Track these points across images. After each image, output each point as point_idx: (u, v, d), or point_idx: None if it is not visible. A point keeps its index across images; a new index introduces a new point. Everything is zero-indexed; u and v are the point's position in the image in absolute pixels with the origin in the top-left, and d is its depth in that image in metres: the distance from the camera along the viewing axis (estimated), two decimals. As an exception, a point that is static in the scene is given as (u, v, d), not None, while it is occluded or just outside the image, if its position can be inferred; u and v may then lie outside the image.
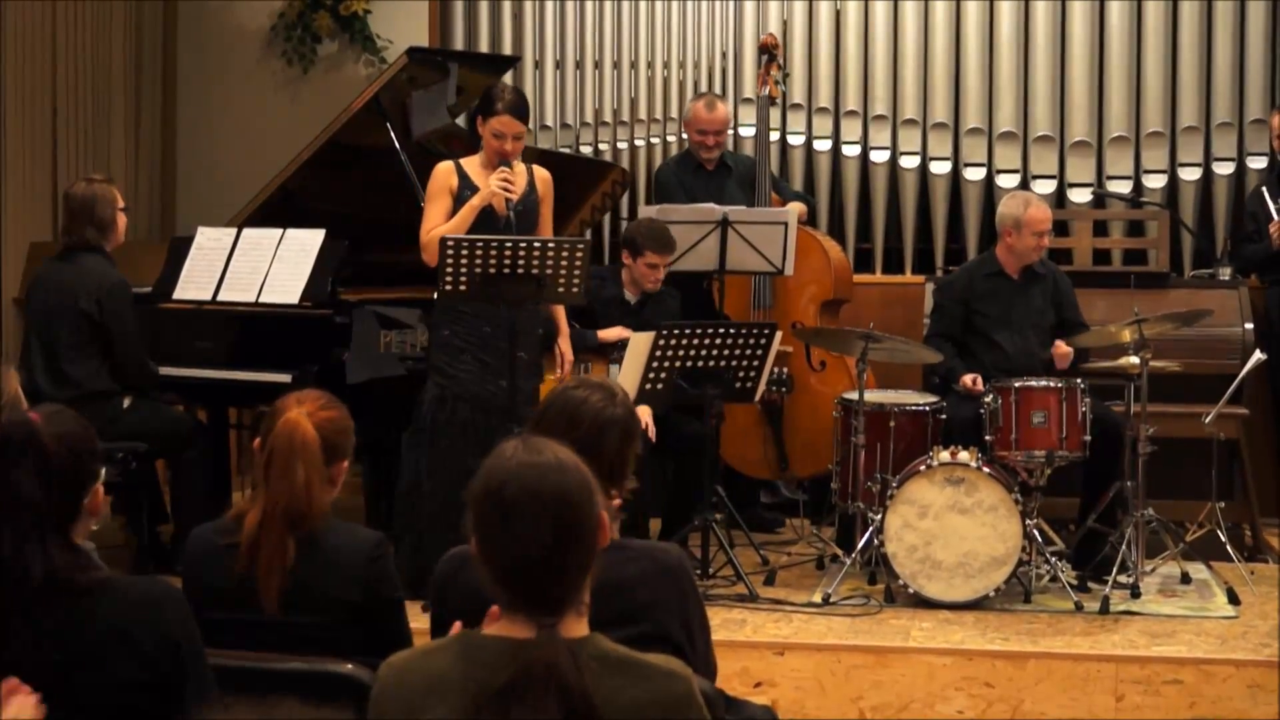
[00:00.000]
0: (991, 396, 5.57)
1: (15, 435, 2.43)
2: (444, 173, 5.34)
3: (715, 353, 5.45)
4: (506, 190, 5.18)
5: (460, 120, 6.76)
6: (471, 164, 5.36)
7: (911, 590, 5.34)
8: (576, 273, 5.06)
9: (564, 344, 5.58)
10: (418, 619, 3.00)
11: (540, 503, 2.03)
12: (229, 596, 2.91)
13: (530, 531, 2.02)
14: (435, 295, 5.18)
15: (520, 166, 5.43)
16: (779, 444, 6.49)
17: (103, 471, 2.56)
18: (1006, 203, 6.02)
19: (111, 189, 5.74)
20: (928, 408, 5.76)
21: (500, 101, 5.26)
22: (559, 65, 7.73)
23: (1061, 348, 5.80)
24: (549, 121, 7.69)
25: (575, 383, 2.88)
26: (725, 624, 5.05)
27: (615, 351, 5.94)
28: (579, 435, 2.73)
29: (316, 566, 2.92)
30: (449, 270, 4.97)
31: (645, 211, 6.42)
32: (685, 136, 6.91)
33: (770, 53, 6.75)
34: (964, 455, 5.34)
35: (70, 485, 2.46)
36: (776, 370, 6.34)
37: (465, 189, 5.30)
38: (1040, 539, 5.56)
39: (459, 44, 7.78)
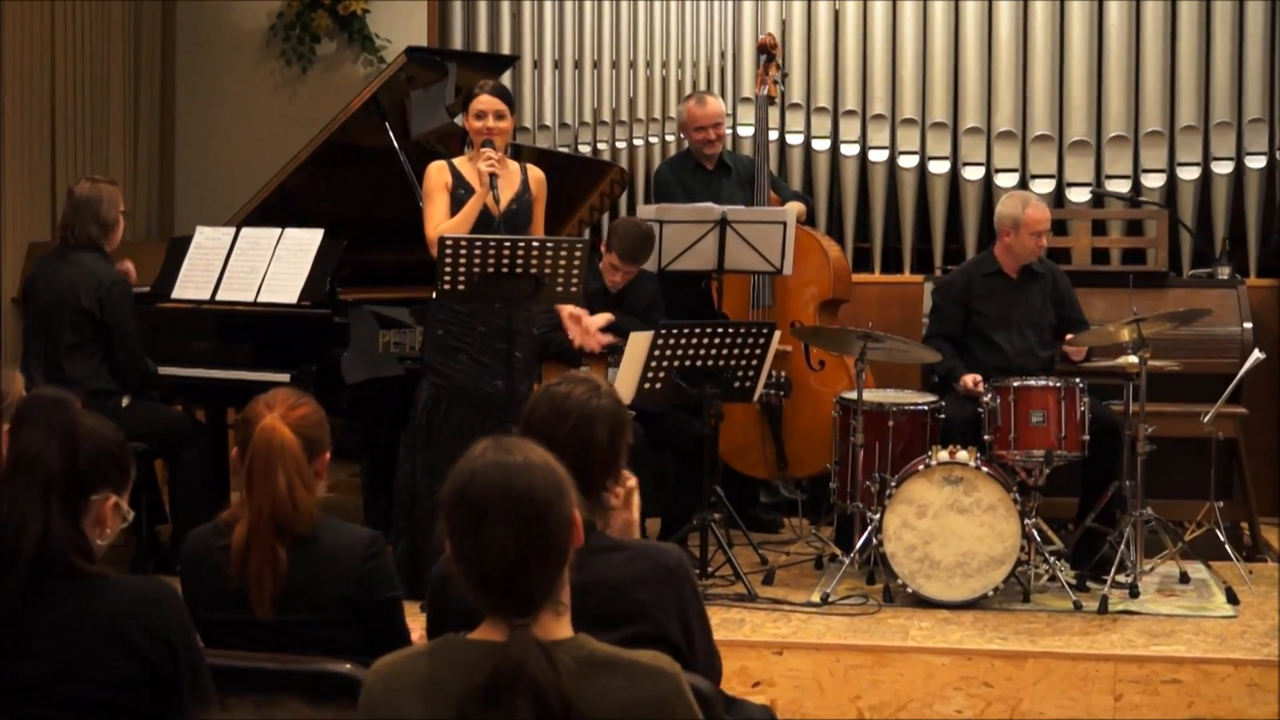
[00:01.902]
0: (990, 396, 5.57)
1: (50, 402, 2.51)
2: (438, 170, 5.36)
3: (714, 352, 5.45)
4: (491, 165, 5.19)
5: (459, 120, 6.76)
6: (462, 163, 5.38)
7: (910, 590, 5.34)
8: (575, 272, 5.07)
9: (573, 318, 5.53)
10: (416, 619, 3.00)
11: (505, 503, 2.01)
12: (226, 599, 2.90)
13: (495, 532, 2.01)
14: (434, 294, 5.18)
15: (514, 165, 5.44)
16: (778, 443, 6.49)
17: (126, 485, 2.58)
18: (1005, 203, 6.02)
19: (116, 190, 5.75)
20: (926, 407, 5.76)
21: (478, 88, 5.34)
22: (558, 65, 7.73)
23: (1073, 347, 5.80)
24: (548, 121, 7.69)
25: (559, 380, 2.88)
26: (724, 623, 5.05)
27: (613, 355, 5.94)
28: (568, 430, 2.73)
29: (312, 567, 2.92)
30: (448, 269, 4.97)
31: (644, 211, 6.41)
32: (684, 138, 6.90)
33: (769, 53, 6.75)
34: (963, 455, 5.34)
35: (88, 470, 2.49)
36: (775, 374, 6.34)
37: (459, 187, 5.32)
38: (1039, 538, 5.56)
39: (458, 44, 7.78)
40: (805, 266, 6.48)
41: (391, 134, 6.06)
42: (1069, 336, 5.86)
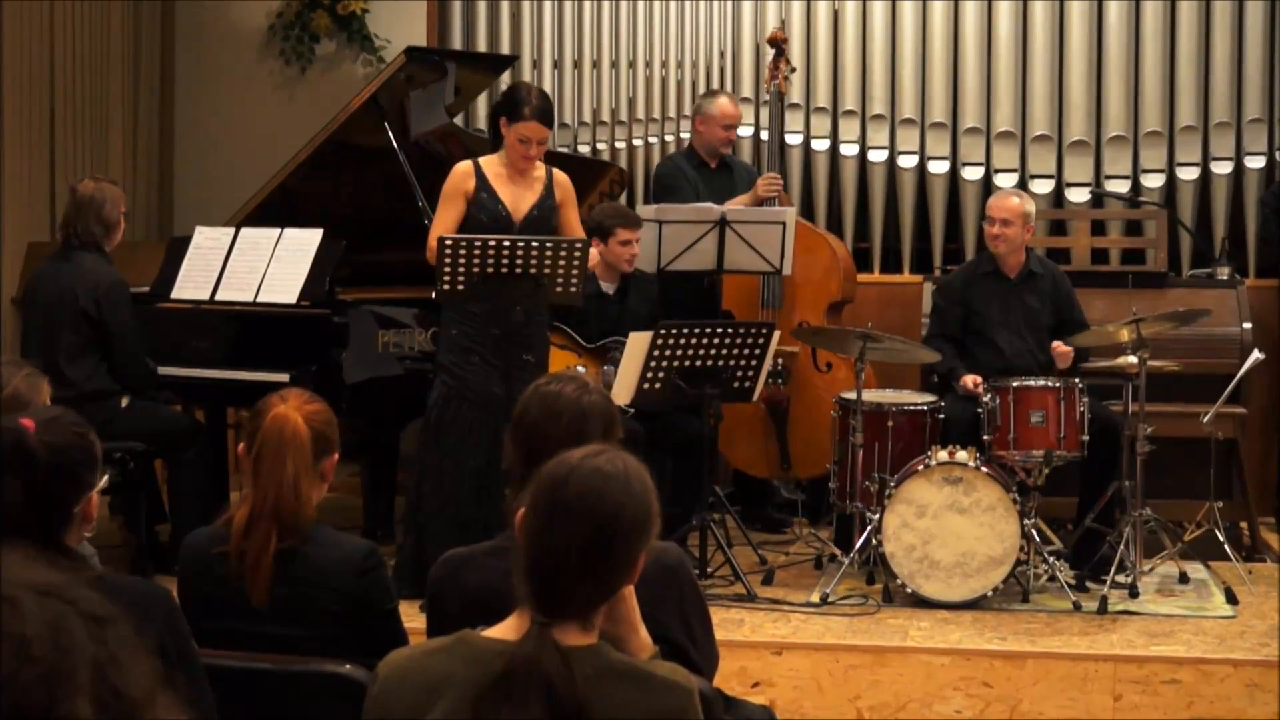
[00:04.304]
0: (989, 396, 5.56)
1: (2, 443, 2.39)
2: (461, 175, 5.27)
3: (713, 352, 5.45)
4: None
5: (459, 120, 6.76)
6: (490, 163, 5.30)
7: (909, 590, 5.34)
8: (575, 273, 5.06)
9: None
10: (418, 618, 3.00)
11: (585, 513, 2.02)
12: (222, 605, 2.89)
13: (564, 531, 2.01)
14: (433, 295, 5.17)
15: (539, 171, 5.39)
16: (782, 444, 6.48)
17: (101, 479, 2.54)
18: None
19: (118, 191, 5.75)
20: (926, 407, 5.76)
21: (527, 106, 5.19)
22: (557, 65, 7.73)
23: (1060, 348, 5.79)
24: (547, 121, 7.69)
25: (546, 379, 2.87)
26: (723, 623, 5.04)
27: (611, 354, 5.94)
28: (563, 429, 2.71)
29: (307, 581, 2.91)
30: (447, 269, 4.96)
31: (644, 211, 6.40)
32: (688, 133, 6.88)
33: (779, 47, 6.72)
34: (962, 455, 5.34)
35: (59, 495, 2.42)
36: (774, 362, 6.33)
37: (482, 190, 5.25)
38: (1038, 538, 5.56)
39: (457, 43, 7.78)
40: (816, 265, 6.47)
41: (391, 134, 6.06)
42: (1055, 343, 5.82)
